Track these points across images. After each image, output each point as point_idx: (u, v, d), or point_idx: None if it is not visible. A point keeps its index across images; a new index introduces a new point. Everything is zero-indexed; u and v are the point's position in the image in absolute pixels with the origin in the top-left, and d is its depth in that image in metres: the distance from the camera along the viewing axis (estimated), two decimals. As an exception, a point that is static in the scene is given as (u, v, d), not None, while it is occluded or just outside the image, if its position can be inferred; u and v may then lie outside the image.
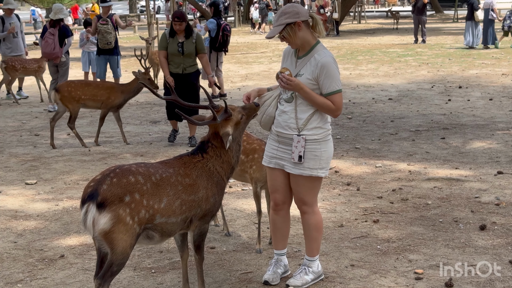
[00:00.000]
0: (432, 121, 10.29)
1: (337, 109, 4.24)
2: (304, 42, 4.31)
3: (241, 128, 4.33)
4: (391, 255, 5.01)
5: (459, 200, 6.30)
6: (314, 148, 4.29)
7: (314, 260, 4.53)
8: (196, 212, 4.01)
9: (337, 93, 4.22)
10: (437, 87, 13.81)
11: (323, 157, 4.32)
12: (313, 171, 4.31)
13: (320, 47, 4.32)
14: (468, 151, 8.29)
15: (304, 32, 4.28)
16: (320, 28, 4.33)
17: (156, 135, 9.88)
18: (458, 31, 28.86)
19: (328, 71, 4.21)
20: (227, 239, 5.47)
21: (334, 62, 4.26)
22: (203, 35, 13.09)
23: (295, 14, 4.24)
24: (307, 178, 4.34)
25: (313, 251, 4.52)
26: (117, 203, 3.60)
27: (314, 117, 4.30)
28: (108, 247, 3.65)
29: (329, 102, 4.22)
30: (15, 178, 7.52)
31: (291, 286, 4.44)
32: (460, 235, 5.37)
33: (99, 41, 12.32)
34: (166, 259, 5.03)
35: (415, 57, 19.64)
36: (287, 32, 4.26)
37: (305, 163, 4.29)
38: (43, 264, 4.99)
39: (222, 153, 4.18)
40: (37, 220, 6.03)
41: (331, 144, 4.41)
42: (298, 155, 4.27)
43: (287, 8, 4.29)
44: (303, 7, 4.41)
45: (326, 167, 4.38)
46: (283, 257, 4.67)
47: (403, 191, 6.66)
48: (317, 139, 4.29)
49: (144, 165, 3.93)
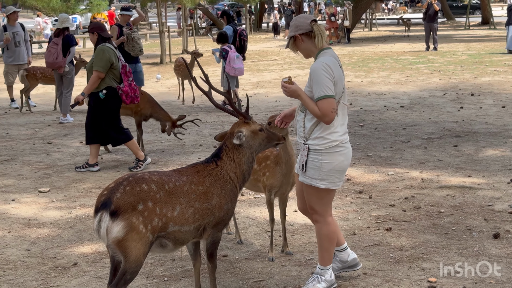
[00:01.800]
0: (444, 129, 10.26)
1: (323, 116, 4.16)
2: (309, 52, 4.39)
3: (257, 142, 4.30)
4: (404, 263, 4.99)
5: (472, 208, 6.28)
6: (315, 158, 4.27)
7: (327, 269, 4.51)
8: (210, 220, 4.02)
9: (322, 99, 4.15)
10: (449, 95, 13.77)
11: (324, 168, 4.26)
12: (312, 180, 4.31)
13: (322, 54, 4.32)
14: (481, 159, 8.26)
15: (306, 44, 4.34)
16: (318, 40, 4.30)
17: (168, 143, 9.90)
18: (470, 38, 28.86)
19: (315, 77, 4.21)
20: (239, 247, 5.47)
21: (323, 67, 4.19)
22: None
23: (295, 28, 4.32)
24: (311, 187, 4.36)
25: (325, 260, 4.50)
26: (130, 212, 3.61)
27: (318, 127, 4.28)
28: (121, 255, 3.66)
29: (316, 108, 4.19)
30: (28, 186, 7.56)
31: None
32: (474, 244, 5.35)
33: (131, 49, 12.02)
34: (178, 267, 5.03)
35: (426, 64, 19.60)
36: (290, 45, 4.38)
37: (307, 172, 4.31)
38: (56, 272, 5.01)
39: (235, 155, 4.20)
40: (50, 228, 6.06)
41: (338, 157, 4.29)
42: (302, 163, 4.32)
43: (292, 22, 4.41)
44: (306, 19, 4.37)
45: (328, 180, 4.30)
46: (340, 253, 4.68)
47: (415, 199, 6.64)
48: (318, 149, 4.26)
49: (157, 173, 3.95)
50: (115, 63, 7.91)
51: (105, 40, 8.07)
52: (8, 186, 7.59)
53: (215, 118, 12.02)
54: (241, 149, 4.22)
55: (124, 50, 11.80)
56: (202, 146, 9.52)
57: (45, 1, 23.96)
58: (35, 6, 24.94)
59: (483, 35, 30.76)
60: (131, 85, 8.03)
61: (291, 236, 5.62)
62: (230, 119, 11.62)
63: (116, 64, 7.93)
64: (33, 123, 11.99)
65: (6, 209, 6.69)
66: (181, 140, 9.53)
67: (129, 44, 11.82)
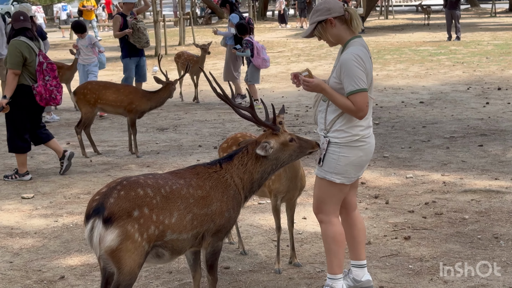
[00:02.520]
0: (469, 127, 10.25)
1: (358, 110, 4.23)
2: (340, 39, 4.40)
3: (287, 154, 4.30)
4: (425, 275, 4.99)
5: (499, 214, 6.27)
6: (333, 151, 4.35)
7: (337, 279, 4.51)
8: (209, 227, 4.02)
9: (357, 93, 4.21)
10: (474, 89, 13.76)
11: (341, 162, 4.34)
12: (327, 174, 4.38)
13: (352, 43, 4.35)
14: (509, 159, 8.25)
15: (338, 29, 4.36)
16: (356, 23, 4.36)
17: (164, 143, 9.92)
18: (496, 27, 28.81)
19: (346, 69, 4.24)
20: (242, 258, 5.47)
21: (355, 59, 4.23)
22: (231, 33, 13.25)
23: (327, 11, 4.32)
24: (324, 181, 4.42)
25: (333, 267, 4.51)
26: (125, 218, 3.62)
27: (340, 119, 4.34)
28: (114, 266, 3.67)
29: (349, 102, 4.23)
30: (11, 192, 7.58)
31: None
32: (501, 253, 5.34)
33: (137, 40, 11.98)
34: (176, 281, 5.04)
35: (448, 56, 19.59)
36: (318, 31, 4.36)
37: (324, 165, 4.38)
38: (42, 286, 5.01)
39: (249, 161, 4.21)
40: (34, 238, 6.07)
41: (357, 152, 4.37)
42: (319, 157, 4.39)
43: (319, 5, 4.39)
44: (337, 2, 4.42)
45: (344, 174, 4.38)
46: (357, 270, 4.69)
47: (437, 204, 6.64)
48: (338, 142, 4.34)
49: (152, 176, 3.96)
50: (28, 59, 7.74)
51: (20, 32, 7.83)
52: (-12, 192, 7.63)
53: (216, 116, 12.02)
54: (263, 160, 4.22)
55: (128, 42, 11.86)
56: (201, 147, 9.53)
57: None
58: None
59: (511, 23, 30.71)
60: (46, 85, 7.77)
61: (299, 246, 5.63)
62: (232, 116, 11.64)
63: (31, 60, 7.76)
64: (15, 123, 12.00)
65: (-14, 217, 6.72)
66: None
67: (134, 36, 11.80)
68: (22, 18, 7.89)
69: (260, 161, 4.21)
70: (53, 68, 7.91)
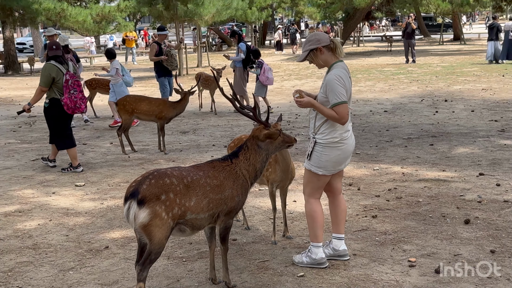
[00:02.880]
0: (422, 130, 10.24)
1: (341, 118, 4.27)
2: (326, 63, 4.44)
3: (274, 145, 4.31)
4: (388, 245, 4.99)
5: (446, 198, 6.27)
6: (317, 150, 4.41)
7: (315, 246, 4.54)
8: (223, 209, 4.03)
9: (339, 105, 4.25)
10: (426, 101, 13.75)
11: (322, 158, 4.39)
12: (312, 167, 4.45)
13: (335, 66, 4.39)
14: (454, 155, 8.25)
15: (325, 55, 4.40)
16: (339, 50, 4.42)
17: (185, 143, 9.92)
18: (443, 53, 28.78)
19: (330, 87, 4.28)
20: (246, 232, 5.48)
21: (337, 78, 4.28)
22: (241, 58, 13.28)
23: (317, 41, 4.38)
24: (310, 172, 4.49)
25: (311, 237, 4.58)
26: (155, 201, 3.63)
27: (324, 125, 4.38)
28: (146, 238, 3.68)
29: (333, 112, 4.27)
30: (67, 181, 7.59)
31: (293, 261, 4.63)
32: (447, 228, 5.34)
33: (169, 64, 12.08)
34: (195, 250, 5.04)
35: (406, 75, 19.56)
36: (310, 56, 4.42)
37: (311, 160, 4.45)
38: (91, 254, 5.03)
39: (251, 156, 4.20)
40: (85, 217, 6.08)
41: (336, 151, 4.39)
42: (308, 153, 4.47)
43: (311, 37, 4.46)
44: (324, 34, 4.47)
45: (324, 168, 4.42)
46: (336, 241, 4.69)
47: (397, 190, 6.63)
48: (321, 143, 4.39)
49: (178, 169, 3.96)
50: (56, 78, 7.81)
51: (51, 58, 7.90)
52: (50, 181, 7.62)
53: (226, 122, 12.02)
54: (258, 150, 4.23)
55: (162, 65, 11.93)
56: (214, 146, 9.53)
57: (80, 22, 23.97)
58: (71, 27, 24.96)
59: (454, 50, 30.67)
60: (71, 97, 7.81)
61: (291, 223, 5.63)
62: (238, 122, 11.64)
63: (58, 79, 7.82)
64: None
65: (48, 200, 6.72)
66: None
67: (168, 60, 11.92)
68: (54, 48, 7.98)
69: (257, 153, 4.22)
70: (78, 84, 7.95)
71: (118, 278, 4.49)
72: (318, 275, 4.41)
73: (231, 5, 25.44)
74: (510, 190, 6.41)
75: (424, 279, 4.31)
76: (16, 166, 8.55)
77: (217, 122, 12.05)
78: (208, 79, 13.51)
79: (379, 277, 4.37)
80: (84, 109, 8.09)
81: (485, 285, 4.16)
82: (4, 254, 5.07)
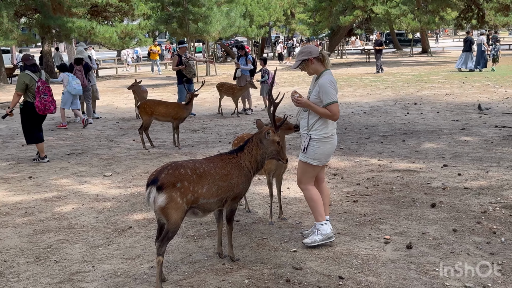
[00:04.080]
0: (395, 129, 10.24)
1: (333, 115, 4.30)
2: (316, 71, 4.46)
3: (270, 149, 4.21)
4: (367, 225, 4.99)
5: (415, 185, 6.27)
6: (312, 144, 4.40)
7: (322, 224, 4.51)
8: (229, 195, 4.02)
9: (332, 104, 4.28)
10: (399, 104, 13.74)
11: (317, 151, 4.39)
12: (308, 159, 4.44)
13: (325, 73, 4.42)
14: (422, 150, 8.24)
15: (315, 65, 4.44)
16: (327, 62, 4.46)
17: (196, 140, 9.90)
18: (413, 63, 28.73)
19: (323, 89, 4.30)
20: (248, 214, 5.48)
21: (329, 82, 4.31)
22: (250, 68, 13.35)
23: (308, 53, 4.42)
24: (306, 164, 4.47)
25: (317, 217, 4.53)
26: (171, 188, 3.63)
27: (317, 123, 4.38)
28: (164, 219, 3.68)
29: (326, 110, 4.29)
30: (96, 172, 7.58)
31: (304, 243, 4.51)
32: (417, 211, 5.35)
33: (187, 73, 12.12)
34: (204, 229, 5.05)
35: (382, 82, 19.52)
36: (302, 65, 4.47)
37: (307, 153, 4.43)
38: (117, 233, 5.03)
39: (253, 149, 4.17)
40: (112, 202, 6.08)
41: (328, 146, 4.41)
42: (303, 147, 4.45)
43: (304, 49, 4.49)
44: (315, 47, 4.52)
45: (319, 159, 4.42)
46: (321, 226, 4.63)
47: (374, 179, 6.64)
48: (316, 138, 4.38)
49: (192, 161, 3.96)
50: (29, 85, 7.91)
51: (27, 67, 8.05)
52: (82, 172, 7.62)
53: (230, 122, 12.00)
54: (261, 145, 4.19)
55: (182, 73, 12.04)
56: (220, 142, 9.52)
57: (107, 38, 23.93)
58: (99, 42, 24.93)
59: (422, 61, 30.60)
60: (41, 101, 7.92)
61: (285, 207, 5.63)
62: (241, 122, 11.61)
63: (31, 85, 7.92)
64: (99, 126, 12.02)
65: (80, 188, 6.72)
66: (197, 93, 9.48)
67: (186, 70, 12.02)
68: (30, 58, 8.18)
69: (259, 148, 4.19)
70: (49, 89, 8.05)
71: (140, 253, 4.50)
72: (308, 251, 4.42)
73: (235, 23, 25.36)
74: (470, 179, 6.42)
75: (397, 253, 4.32)
76: (54, 159, 8.54)
77: (223, 122, 12.03)
78: (234, 87, 13.10)
79: (359, 252, 4.38)
80: (53, 111, 8.17)
81: (449, 259, 4.17)
82: (44, 233, 5.08)
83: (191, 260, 4.32)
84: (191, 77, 12.17)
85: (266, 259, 4.27)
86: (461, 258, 4.18)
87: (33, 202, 6.13)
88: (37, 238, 4.94)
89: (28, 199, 6.26)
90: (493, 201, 5.52)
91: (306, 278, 3.90)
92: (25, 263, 4.37)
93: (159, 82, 23.37)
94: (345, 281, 3.85)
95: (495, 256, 4.18)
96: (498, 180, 6.27)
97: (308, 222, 5.10)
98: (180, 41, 13.22)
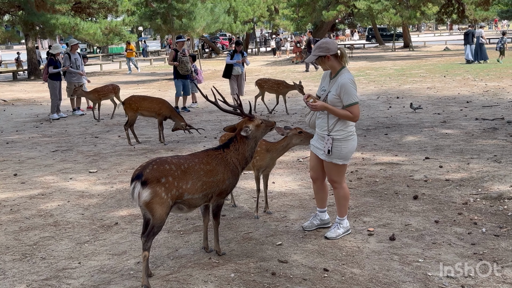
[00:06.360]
0: (378, 122, 10.29)
1: (355, 116, 4.21)
2: (332, 68, 4.31)
3: (260, 132, 4.26)
4: (351, 217, 5.02)
5: (398, 178, 6.32)
6: (337, 145, 4.30)
7: (343, 219, 4.58)
8: (215, 190, 4.00)
9: (354, 105, 4.18)
10: (381, 98, 13.81)
11: (343, 151, 4.31)
12: (333, 159, 4.35)
13: (344, 71, 4.27)
14: (404, 143, 8.30)
15: (332, 62, 4.28)
16: (345, 59, 4.31)
17: (182, 136, 9.85)
18: (396, 58, 28.90)
19: (345, 89, 4.17)
20: (234, 209, 5.47)
21: (351, 82, 4.19)
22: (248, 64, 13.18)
23: (326, 50, 4.25)
24: (333, 164, 4.38)
25: (342, 213, 4.57)
26: (156, 183, 3.61)
27: (338, 123, 4.29)
28: (149, 214, 3.66)
29: (347, 112, 4.19)
30: (82, 168, 7.51)
31: (328, 237, 4.52)
32: (400, 203, 5.39)
33: (180, 69, 12.07)
34: (190, 224, 5.03)
35: (365, 76, 19.62)
36: (318, 61, 4.31)
37: (332, 154, 4.33)
38: (103, 229, 5.00)
39: (240, 147, 4.15)
40: (98, 198, 6.03)
41: (352, 143, 4.33)
42: (327, 149, 4.32)
43: (322, 44, 4.30)
44: (334, 43, 4.33)
45: (346, 158, 4.35)
46: (321, 214, 4.72)
47: (358, 172, 6.67)
48: (339, 138, 4.29)
49: (176, 157, 3.93)
50: None
51: None
52: (67, 169, 7.54)
53: (215, 117, 11.97)
54: (247, 141, 4.17)
55: (177, 69, 12.11)
56: (206, 138, 9.48)
57: (91, 34, 23.70)
58: (84, 38, 24.67)
59: (404, 55, 30.81)
60: None
61: (270, 201, 5.62)
62: (226, 117, 11.59)
63: None
64: (84, 123, 11.91)
65: (66, 185, 6.65)
66: (192, 133, 9.52)
67: (180, 66, 12.01)
68: None
69: (246, 143, 4.17)
70: None
71: (126, 249, 4.47)
72: (293, 244, 4.43)
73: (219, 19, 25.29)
74: (451, 171, 6.48)
75: (380, 245, 4.35)
76: (39, 156, 8.45)
77: (207, 117, 11.99)
78: (280, 83, 11.98)
79: (343, 244, 4.40)
80: None
81: (431, 249, 4.21)
82: (30, 230, 5.02)
83: (177, 255, 4.31)
84: (184, 73, 12.11)
85: (252, 253, 4.27)
86: (443, 248, 4.22)
87: (18, 199, 6.06)
88: (22, 235, 4.89)
89: (13, 196, 6.19)
90: (474, 193, 5.58)
91: (291, 271, 3.92)
92: (11, 260, 4.32)
93: (144, 78, 23.18)
94: (329, 273, 3.87)
95: (476, 246, 4.24)
96: (478, 172, 6.34)
97: (293, 216, 5.12)
98: (177, 36, 13.24)
